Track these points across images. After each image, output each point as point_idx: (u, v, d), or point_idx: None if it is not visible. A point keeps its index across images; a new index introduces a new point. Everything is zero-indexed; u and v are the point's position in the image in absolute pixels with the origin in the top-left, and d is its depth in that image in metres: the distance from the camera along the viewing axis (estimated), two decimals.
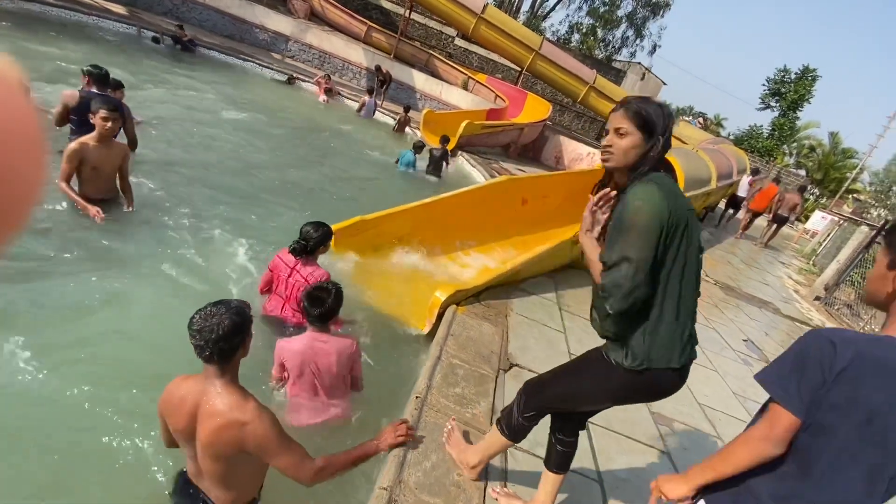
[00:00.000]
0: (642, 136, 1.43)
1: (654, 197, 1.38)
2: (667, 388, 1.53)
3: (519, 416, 1.76)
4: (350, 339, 2.34)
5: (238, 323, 1.50)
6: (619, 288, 1.37)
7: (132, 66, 7.84)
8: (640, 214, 1.37)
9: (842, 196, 30.41)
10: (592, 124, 21.59)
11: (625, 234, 1.39)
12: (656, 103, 1.47)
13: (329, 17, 15.52)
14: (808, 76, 29.19)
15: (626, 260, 1.37)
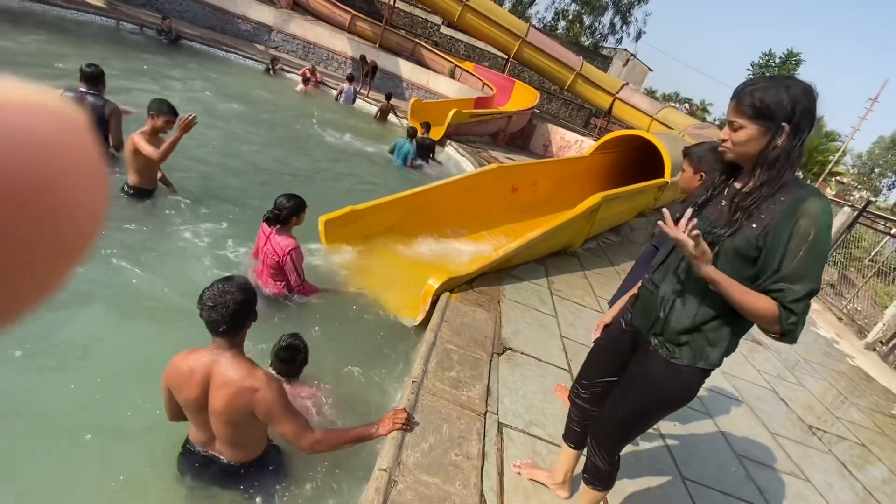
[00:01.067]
0: (759, 128, 1.28)
1: (830, 216, 1.26)
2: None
3: (607, 466, 1.72)
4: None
5: (249, 298, 1.61)
6: (798, 318, 1.25)
7: (114, 59, 7.65)
8: (829, 238, 1.25)
9: (825, 179, 30.91)
10: (580, 111, 21.61)
11: (818, 260, 1.24)
12: (778, 85, 1.26)
13: (312, 7, 15.25)
14: (791, 60, 29.48)
15: (815, 292, 1.25)
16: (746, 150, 1.32)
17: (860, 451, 3.58)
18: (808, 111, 1.26)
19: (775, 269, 1.27)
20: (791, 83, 1.26)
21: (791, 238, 1.24)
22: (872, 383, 5.27)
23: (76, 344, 2.44)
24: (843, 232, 8.90)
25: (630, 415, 1.62)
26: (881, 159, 45.32)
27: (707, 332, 1.43)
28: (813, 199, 1.25)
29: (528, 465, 2.13)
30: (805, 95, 1.24)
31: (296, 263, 3.00)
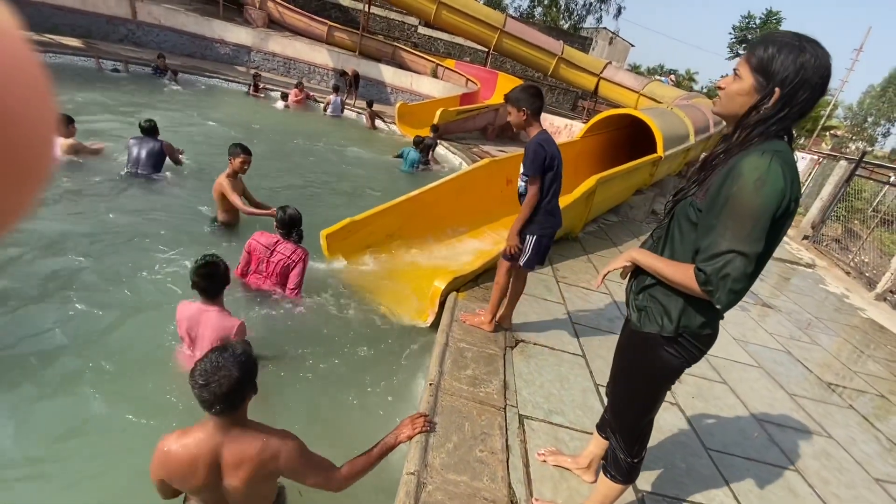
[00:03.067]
0: (754, 83, 1.20)
1: (776, 175, 1.15)
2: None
3: (628, 458, 1.62)
4: (233, 320, 2.47)
5: (247, 371, 1.44)
6: (728, 280, 1.19)
7: (101, 97, 7.71)
8: (759, 195, 1.15)
9: (819, 134, 30.74)
10: (566, 96, 21.58)
11: (737, 219, 1.18)
12: (793, 46, 1.15)
13: (288, 23, 15.29)
14: (772, 19, 29.28)
15: (739, 254, 1.18)
16: (733, 103, 1.25)
17: (881, 403, 3.59)
18: (810, 84, 1.15)
19: (701, 232, 1.25)
20: (809, 48, 1.14)
21: (716, 198, 1.22)
22: (886, 333, 5.27)
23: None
24: (842, 186, 8.88)
25: (622, 391, 1.62)
26: (873, 108, 45.00)
27: (658, 297, 1.40)
28: (747, 157, 1.18)
29: (553, 451, 2.17)
30: (815, 67, 1.14)
31: (304, 267, 3.33)
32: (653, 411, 1.60)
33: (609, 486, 1.70)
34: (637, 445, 1.63)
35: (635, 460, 1.63)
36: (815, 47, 1.15)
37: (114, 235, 3.87)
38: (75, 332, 2.76)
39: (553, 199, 2.73)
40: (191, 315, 2.46)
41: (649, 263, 1.39)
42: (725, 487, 2.27)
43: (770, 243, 1.22)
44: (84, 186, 4.59)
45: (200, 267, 2.36)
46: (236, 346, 1.49)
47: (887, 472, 2.72)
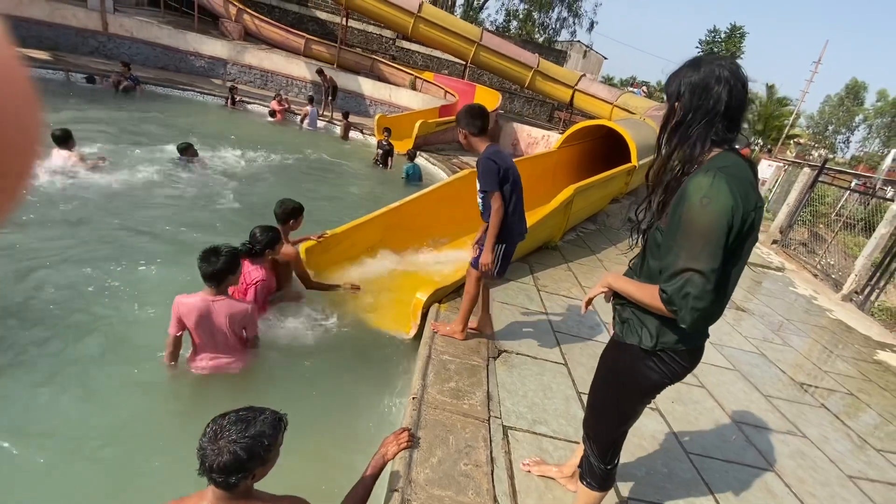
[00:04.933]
0: (669, 106, 1.31)
1: (719, 192, 1.18)
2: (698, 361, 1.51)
3: (601, 464, 1.64)
4: (245, 304, 2.60)
5: (243, 459, 1.27)
6: (689, 299, 1.22)
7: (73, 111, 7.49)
8: (706, 214, 1.19)
9: (784, 142, 32.08)
10: (543, 107, 21.99)
11: (690, 238, 1.21)
12: (683, 69, 1.28)
13: (265, 35, 15.22)
14: (736, 33, 30.58)
15: (695, 272, 1.21)
16: (663, 127, 1.36)
17: (850, 401, 3.72)
18: (700, 88, 1.24)
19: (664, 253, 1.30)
20: (695, 64, 1.26)
21: (672, 221, 1.27)
22: (853, 333, 5.48)
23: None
24: (807, 192, 9.26)
25: (601, 400, 1.63)
26: (833, 117, 47.28)
27: (635, 310, 1.44)
28: (694, 178, 1.23)
29: (537, 462, 2.17)
30: (704, 76, 1.24)
31: (258, 293, 2.99)
32: (628, 423, 1.63)
33: (587, 494, 1.71)
34: (610, 454, 1.65)
35: (608, 467, 1.66)
36: (709, 63, 1.26)
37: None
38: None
39: (517, 209, 2.80)
40: (197, 306, 2.44)
41: (622, 287, 1.45)
42: (706, 491, 2.30)
43: (735, 257, 1.26)
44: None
45: (206, 254, 2.39)
46: (256, 422, 1.33)
47: (859, 469, 2.81)
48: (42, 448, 2.14)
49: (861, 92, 45.79)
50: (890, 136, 43.58)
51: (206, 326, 2.50)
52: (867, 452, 3.03)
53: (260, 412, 1.38)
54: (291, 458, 2.18)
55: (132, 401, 2.52)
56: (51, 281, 3.35)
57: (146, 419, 2.44)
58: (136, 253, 3.96)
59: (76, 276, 3.47)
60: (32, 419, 2.30)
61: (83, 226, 4.28)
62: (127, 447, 2.24)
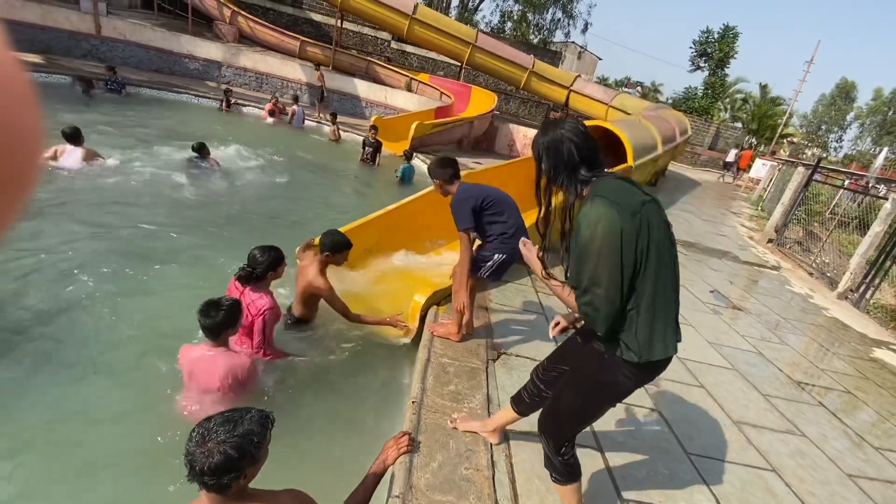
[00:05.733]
0: (537, 166, 1.60)
1: (601, 215, 1.37)
2: (661, 370, 1.59)
3: (558, 457, 1.71)
4: (244, 359, 2.40)
5: (233, 458, 1.27)
6: (597, 311, 1.42)
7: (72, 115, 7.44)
8: (594, 239, 1.37)
9: (777, 142, 32.29)
10: (538, 108, 22.04)
11: (586, 260, 1.40)
12: (538, 134, 1.61)
13: (260, 38, 15.18)
14: (729, 34, 30.73)
15: (595, 286, 1.39)
16: (537, 183, 1.61)
17: (848, 399, 3.74)
18: (553, 150, 1.52)
19: None
20: (543, 131, 1.58)
21: (572, 247, 1.49)
22: (849, 331, 5.51)
23: None
24: (801, 190, 9.31)
25: (565, 403, 1.69)
26: (826, 116, 47.66)
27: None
28: (581, 211, 1.44)
29: (463, 417, 2.30)
30: (551, 139, 1.52)
31: (266, 324, 2.67)
32: (588, 424, 1.73)
33: (563, 490, 1.79)
34: (565, 447, 1.72)
35: (567, 458, 1.72)
36: (553, 128, 1.55)
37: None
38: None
39: (511, 225, 2.94)
40: (194, 358, 2.35)
41: (552, 287, 1.70)
42: (707, 491, 2.30)
43: (646, 256, 1.39)
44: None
45: (206, 307, 2.28)
46: (242, 422, 1.33)
47: (858, 468, 2.81)
48: None
49: (851, 91, 46.20)
50: (881, 135, 43.99)
51: (201, 380, 2.33)
52: (865, 450, 3.04)
53: (246, 411, 1.38)
54: (289, 463, 2.17)
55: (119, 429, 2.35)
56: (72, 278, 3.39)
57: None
58: (152, 254, 4.03)
59: (94, 274, 3.52)
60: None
61: (95, 221, 4.41)
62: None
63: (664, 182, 13.55)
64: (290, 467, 2.15)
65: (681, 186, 14.45)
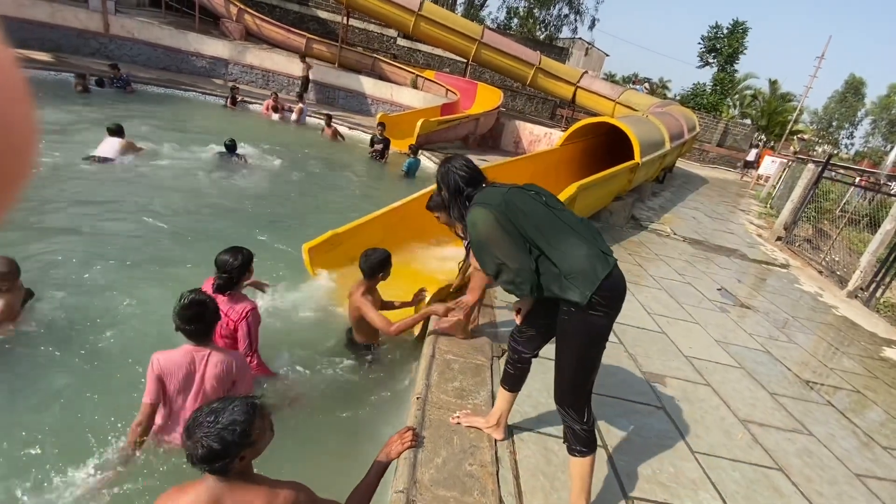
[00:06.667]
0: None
1: (476, 215, 1.80)
2: (619, 289, 1.74)
3: (580, 425, 1.80)
4: (236, 353, 2.23)
5: (217, 450, 1.31)
6: (515, 284, 1.77)
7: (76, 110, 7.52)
8: (479, 234, 1.79)
9: (787, 138, 31.88)
10: (545, 104, 21.93)
11: (482, 251, 1.81)
12: (439, 166, 2.01)
13: (266, 35, 15.21)
14: (738, 29, 30.36)
15: (502, 265, 1.76)
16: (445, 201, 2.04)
17: (856, 398, 3.70)
18: (445, 179, 1.96)
19: None
20: (440, 165, 2.00)
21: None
22: (859, 330, 5.44)
23: None
24: (811, 188, 9.20)
25: (565, 366, 1.80)
26: (836, 113, 46.99)
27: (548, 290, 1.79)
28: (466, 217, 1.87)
29: (466, 414, 2.31)
30: (443, 171, 1.97)
31: (251, 327, 2.54)
32: (594, 374, 1.82)
33: (581, 464, 1.83)
34: (586, 410, 1.82)
35: (589, 425, 1.82)
36: (445, 163, 1.99)
37: None
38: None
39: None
40: (181, 362, 2.06)
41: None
42: (713, 490, 2.29)
43: (527, 230, 1.72)
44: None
45: (186, 308, 2.00)
46: (225, 412, 1.37)
47: (867, 468, 2.79)
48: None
49: (861, 87, 45.47)
50: (893, 131, 43.29)
51: (193, 388, 2.10)
52: (874, 450, 3.01)
53: (230, 401, 1.42)
54: (295, 457, 2.18)
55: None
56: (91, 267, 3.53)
57: None
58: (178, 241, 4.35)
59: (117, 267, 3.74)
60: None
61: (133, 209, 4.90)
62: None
63: (671, 179, 13.44)
64: (293, 461, 2.17)
65: (689, 183, 14.33)
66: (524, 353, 2.08)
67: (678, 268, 5.95)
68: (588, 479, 1.84)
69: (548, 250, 1.71)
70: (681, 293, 5.04)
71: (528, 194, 1.82)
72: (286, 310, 3.49)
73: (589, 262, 1.68)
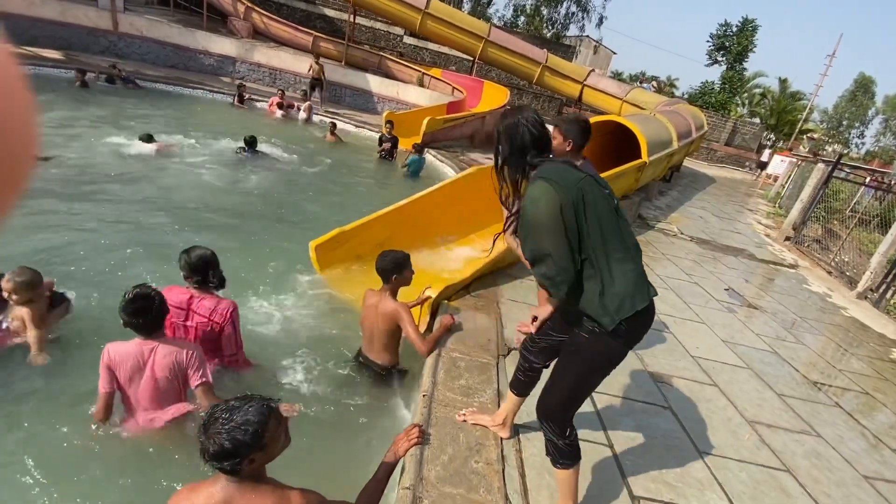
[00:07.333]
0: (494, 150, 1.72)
1: (541, 192, 1.54)
2: (648, 323, 1.65)
3: (562, 440, 1.75)
4: (189, 349, 2.16)
5: (230, 449, 1.31)
6: (551, 280, 1.56)
7: (82, 107, 7.60)
8: (537, 214, 1.53)
9: (796, 137, 31.55)
10: (551, 103, 21.86)
11: (533, 234, 1.57)
12: (501, 115, 1.72)
13: (273, 33, 15.27)
14: (748, 27, 30.08)
15: (546, 255, 1.54)
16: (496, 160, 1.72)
17: (865, 400, 3.66)
18: (510, 134, 1.66)
19: None
20: (504, 116, 1.70)
21: (520, 224, 1.64)
22: (868, 331, 5.39)
23: None
24: (821, 187, 9.11)
25: (570, 384, 1.72)
26: (846, 112, 46.42)
27: (575, 303, 1.64)
28: (526, 190, 1.60)
29: (472, 412, 2.32)
30: (509, 123, 1.66)
31: (236, 326, 2.50)
32: (588, 396, 1.80)
33: (566, 475, 1.80)
34: (568, 428, 1.76)
35: (571, 439, 1.76)
36: (513, 114, 1.68)
37: None
38: None
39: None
40: (129, 354, 2.07)
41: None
42: (720, 490, 2.28)
43: (589, 224, 1.53)
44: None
45: (130, 303, 1.99)
46: (241, 410, 1.37)
47: (875, 470, 2.76)
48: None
49: (871, 86, 44.86)
50: None
51: (143, 379, 2.11)
52: (882, 452, 2.98)
53: (247, 401, 1.41)
54: (302, 457, 2.20)
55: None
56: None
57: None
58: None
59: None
60: None
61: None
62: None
63: (678, 178, 13.35)
64: (299, 460, 2.19)
65: (697, 182, 14.23)
66: (535, 363, 2.03)
67: (685, 267, 5.92)
68: (574, 485, 1.82)
69: (599, 260, 1.55)
70: (688, 293, 5.01)
71: (603, 192, 1.61)
72: (290, 308, 3.51)
73: (635, 287, 1.56)
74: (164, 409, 2.17)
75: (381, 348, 2.86)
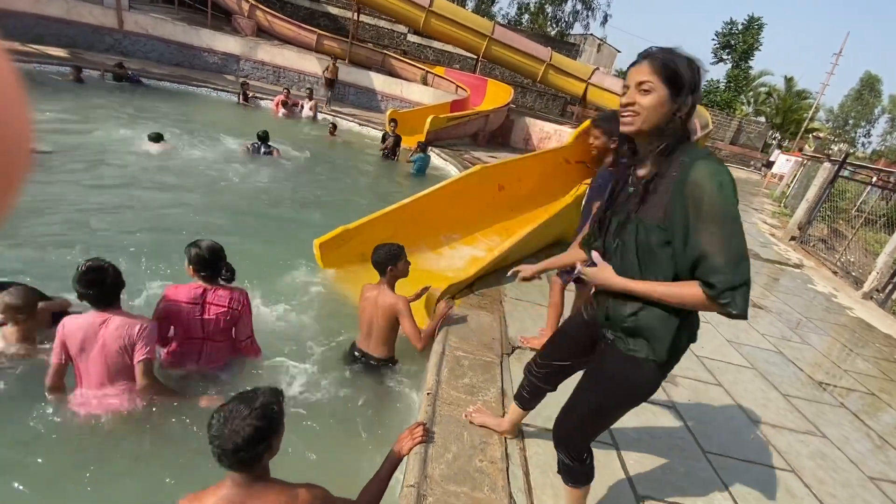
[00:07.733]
0: (669, 93, 1.21)
1: (727, 175, 1.17)
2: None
3: (577, 463, 1.61)
4: (140, 321, 2.16)
5: (262, 428, 1.33)
6: (746, 288, 1.19)
7: (86, 106, 7.63)
8: (727, 197, 1.16)
9: (802, 136, 31.36)
10: (555, 101, 21.79)
11: (723, 225, 1.16)
12: (685, 56, 1.22)
13: (277, 31, 15.28)
14: (754, 25, 29.89)
15: (744, 258, 1.18)
16: (653, 117, 1.23)
17: (871, 401, 3.64)
18: (699, 87, 1.25)
19: (682, 249, 1.22)
20: (690, 57, 1.23)
21: (685, 213, 1.19)
22: (874, 332, 5.36)
23: None
24: (827, 187, 9.04)
25: (590, 412, 1.53)
26: (853, 111, 46.09)
27: (649, 322, 1.33)
28: (698, 165, 1.18)
29: (479, 410, 2.29)
30: (699, 72, 1.23)
31: (250, 312, 2.56)
32: (607, 427, 1.64)
33: (576, 494, 1.72)
34: (585, 453, 1.62)
35: (588, 464, 1.64)
36: (687, 54, 1.24)
37: None
38: None
39: None
40: (82, 326, 2.09)
41: (633, 288, 1.32)
42: (724, 490, 2.27)
43: None
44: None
45: (84, 274, 2.01)
46: (257, 395, 1.38)
47: (881, 471, 2.75)
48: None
49: (877, 85, 44.51)
50: None
51: (93, 351, 2.11)
52: (888, 453, 2.96)
53: (256, 389, 1.43)
54: (306, 454, 2.21)
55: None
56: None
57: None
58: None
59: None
60: None
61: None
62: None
63: None
64: (302, 457, 2.20)
65: None
66: (539, 386, 1.91)
67: None
68: (583, 501, 1.74)
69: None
70: None
71: None
72: (293, 305, 3.52)
73: (700, 316, 1.34)
74: (115, 385, 2.16)
75: (379, 342, 2.86)
